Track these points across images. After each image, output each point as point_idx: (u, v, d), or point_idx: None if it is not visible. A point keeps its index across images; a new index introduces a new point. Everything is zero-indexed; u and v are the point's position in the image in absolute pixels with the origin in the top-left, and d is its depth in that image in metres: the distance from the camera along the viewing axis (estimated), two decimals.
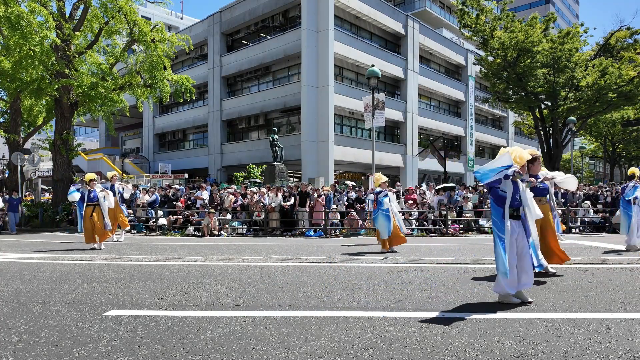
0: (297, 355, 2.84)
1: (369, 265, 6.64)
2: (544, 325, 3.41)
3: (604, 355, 2.79)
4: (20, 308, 4.14)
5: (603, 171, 44.18)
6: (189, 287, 5.07)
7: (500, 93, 24.78)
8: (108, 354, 2.91)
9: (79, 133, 53.21)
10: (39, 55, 14.16)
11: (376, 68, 14.98)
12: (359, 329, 3.39)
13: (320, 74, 25.77)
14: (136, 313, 3.91)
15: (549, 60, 21.58)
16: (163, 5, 18.26)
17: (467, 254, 7.95)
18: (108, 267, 6.70)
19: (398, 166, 31.33)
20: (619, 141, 37.79)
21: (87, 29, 16.50)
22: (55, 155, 17.03)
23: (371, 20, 29.34)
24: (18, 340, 3.21)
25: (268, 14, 28.72)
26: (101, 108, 17.31)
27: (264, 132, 29.12)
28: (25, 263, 7.19)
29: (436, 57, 35.98)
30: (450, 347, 2.96)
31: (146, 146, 38.32)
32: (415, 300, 4.34)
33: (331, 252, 8.61)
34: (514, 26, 22.05)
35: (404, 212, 14.33)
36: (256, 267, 6.56)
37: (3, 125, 18.87)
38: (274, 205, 13.99)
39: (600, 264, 6.49)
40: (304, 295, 4.59)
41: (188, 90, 17.65)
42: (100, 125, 43.49)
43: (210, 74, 31.86)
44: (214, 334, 3.31)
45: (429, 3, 40.58)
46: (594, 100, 22.33)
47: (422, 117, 33.37)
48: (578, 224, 14.20)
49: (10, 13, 13.29)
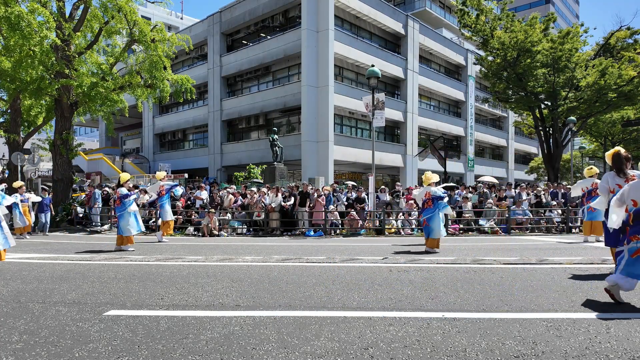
0: (297, 355, 2.84)
1: (369, 265, 6.64)
2: (544, 325, 3.41)
3: (604, 355, 2.79)
4: (20, 308, 4.14)
5: (603, 171, 44.15)
6: (189, 287, 5.07)
7: (500, 93, 24.78)
8: (108, 354, 2.91)
9: (79, 133, 53.22)
10: (39, 55, 14.15)
11: (376, 68, 14.98)
12: (359, 329, 3.39)
13: (320, 74, 25.77)
14: (136, 313, 3.91)
15: (549, 60, 21.59)
16: (163, 5, 18.26)
17: (467, 254, 7.95)
18: (108, 267, 6.70)
19: (398, 166, 31.34)
20: (619, 141, 37.73)
21: (87, 29, 16.49)
22: (55, 155, 17.03)
23: (371, 20, 29.34)
24: (18, 340, 3.21)
25: (268, 14, 28.73)
26: (101, 108, 17.30)
27: (264, 132, 29.12)
28: (25, 263, 7.19)
29: (436, 57, 35.98)
30: (450, 347, 2.96)
31: (146, 146, 38.32)
32: (415, 300, 4.34)
33: (331, 252, 8.60)
34: (514, 26, 22.05)
35: (404, 212, 14.36)
36: (256, 267, 6.56)
37: (3, 125, 18.86)
38: (274, 205, 14.00)
39: (600, 264, 6.49)
40: (304, 295, 4.59)
41: (188, 90, 17.65)
42: (100, 125, 43.49)
43: (210, 74, 31.86)
44: (214, 334, 3.31)
45: (429, 3, 40.59)
46: (594, 100, 22.33)
47: (422, 117, 33.38)
48: (578, 224, 14.19)
49: (10, 13, 13.27)
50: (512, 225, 13.39)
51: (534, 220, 14.16)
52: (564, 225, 13.67)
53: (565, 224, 13.64)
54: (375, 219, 14.05)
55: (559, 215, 14.20)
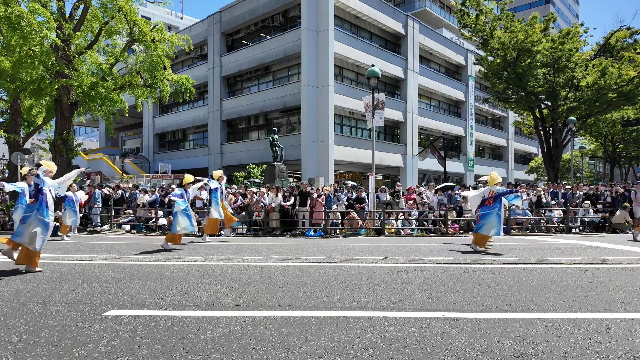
0: (297, 355, 2.84)
1: (369, 265, 6.64)
2: (544, 325, 3.41)
3: (604, 355, 2.79)
4: (20, 308, 4.14)
5: (603, 171, 44.18)
6: (189, 287, 5.06)
7: (500, 93, 24.78)
8: (108, 354, 2.91)
9: (79, 133, 53.24)
10: (39, 55, 14.15)
11: (376, 68, 14.97)
12: (359, 329, 3.39)
13: (320, 74, 25.77)
14: (136, 313, 3.91)
15: (549, 60, 21.58)
16: (163, 5, 18.26)
17: (467, 254, 7.95)
18: (108, 267, 6.70)
19: (398, 166, 31.34)
20: (619, 141, 37.78)
21: (87, 29, 16.49)
22: (55, 155, 17.03)
23: (371, 20, 29.34)
24: (18, 340, 3.21)
25: (268, 14, 28.73)
26: (101, 108, 17.29)
27: (264, 132, 29.12)
28: None
29: (436, 57, 35.99)
30: (450, 347, 2.96)
31: (146, 146, 38.33)
32: (415, 300, 4.34)
33: (331, 252, 8.60)
34: (513, 26, 22.04)
35: (404, 212, 14.35)
36: (256, 267, 6.56)
37: (3, 125, 18.84)
38: (274, 205, 13.99)
39: (600, 264, 6.49)
40: (304, 295, 4.59)
41: (188, 90, 17.65)
42: (100, 125, 43.53)
43: (210, 74, 31.86)
44: (214, 334, 3.30)
45: (429, 3, 40.60)
46: (594, 100, 22.33)
47: (422, 117, 33.38)
48: (578, 224, 14.20)
49: (10, 13, 13.27)
50: (512, 225, 13.39)
51: (534, 220, 14.16)
52: (564, 225, 13.67)
53: (565, 224, 13.64)
54: (375, 219, 14.05)
55: (559, 216, 14.21)
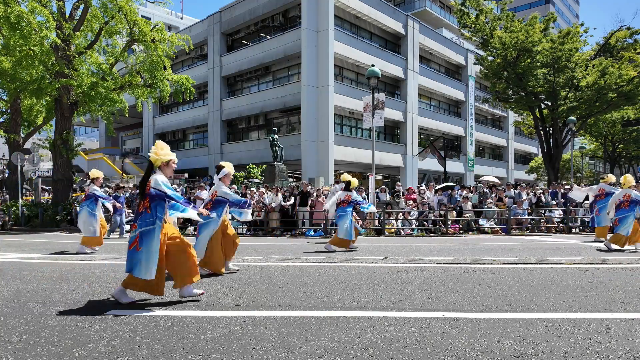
0: (297, 355, 2.84)
1: (369, 265, 6.64)
2: (544, 325, 3.41)
3: (604, 355, 2.79)
4: (20, 308, 4.14)
5: (603, 171, 44.17)
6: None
7: (500, 93, 24.78)
8: (108, 353, 2.91)
9: (79, 133, 53.20)
10: (39, 55, 14.15)
11: (376, 68, 14.97)
12: (359, 328, 3.39)
13: (320, 74, 25.77)
14: (136, 313, 3.91)
15: (549, 60, 21.59)
16: (163, 5, 18.28)
17: (467, 254, 7.95)
18: (108, 267, 6.70)
19: (398, 166, 31.34)
20: (619, 141, 37.79)
21: (87, 29, 16.50)
22: (55, 155, 17.03)
23: (371, 20, 29.34)
24: (18, 340, 3.21)
25: (268, 14, 28.73)
26: (101, 108, 17.30)
27: (264, 132, 29.11)
28: (26, 263, 7.19)
29: (436, 57, 35.98)
30: (450, 347, 2.96)
31: (146, 146, 38.31)
32: (415, 300, 4.34)
33: (331, 252, 8.60)
34: (513, 26, 22.05)
35: (404, 212, 14.36)
36: (256, 267, 6.56)
37: (3, 125, 18.87)
38: (274, 205, 14.00)
39: (600, 264, 6.49)
40: (304, 295, 4.59)
41: (188, 90, 17.65)
42: (100, 125, 43.50)
43: (210, 74, 31.85)
44: (214, 334, 3.30)
45: (429, 3, 40.60)
46: (594, 100, 22.33)
47: (422, 117, 33.38)
48: (578, 224, 14.19)
49: (10, 13, 13.28)
50: (512, 225, 13.39)
51: (534, 220, 14.16)
52: (564, 225, 13.67)
53: (565, 224, 13.64)
54: (375, 219, 14.05)
55: (559, 216, 14.21)
